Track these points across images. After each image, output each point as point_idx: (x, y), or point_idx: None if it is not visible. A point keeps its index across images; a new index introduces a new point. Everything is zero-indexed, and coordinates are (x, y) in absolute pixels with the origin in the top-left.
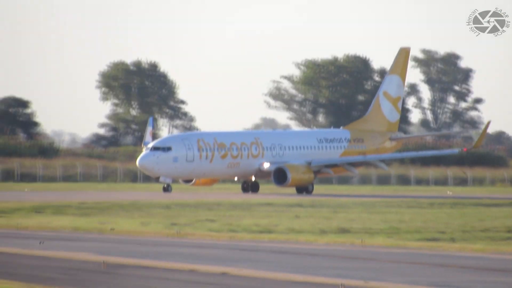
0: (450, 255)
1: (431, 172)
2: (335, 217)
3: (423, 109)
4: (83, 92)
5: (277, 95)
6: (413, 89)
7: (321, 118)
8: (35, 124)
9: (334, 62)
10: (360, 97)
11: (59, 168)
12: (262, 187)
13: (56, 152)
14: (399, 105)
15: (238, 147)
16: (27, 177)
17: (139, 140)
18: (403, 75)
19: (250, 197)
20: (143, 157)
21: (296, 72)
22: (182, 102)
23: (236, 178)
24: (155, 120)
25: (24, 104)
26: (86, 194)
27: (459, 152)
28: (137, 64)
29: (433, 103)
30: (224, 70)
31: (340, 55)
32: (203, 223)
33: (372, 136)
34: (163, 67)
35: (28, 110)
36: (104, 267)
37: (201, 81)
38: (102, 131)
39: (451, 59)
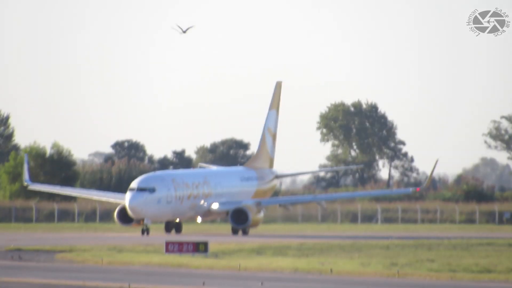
0: None
1: None
2: None
3: None
4: (303, 133)
5: (497, 135)
6: None
7: None
8: None
9: None
10: None
11: (279, 210)
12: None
13: (276, 194)
14: (275, 140)
15: (197, 187)
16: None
17: (359, 181)
18: (278, 110)
19: (466, 236)
20: (132, 198)
21: None
22: (402, 142)
23: (199, 219)
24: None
25: (244, 146)
26: (306, 235)
27: (412, 192)
28: (357, 105)
29: None
30: (442, 110)
31: None
32: (423, 263)
33: (266, 174)
34: (382, 108)
35: (248, 152)
36: None
37: (420, 120)
38: (322, 172)
39: None
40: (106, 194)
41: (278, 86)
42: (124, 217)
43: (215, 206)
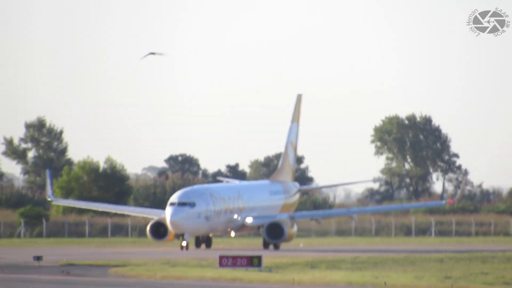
0: None
1: None
2: None
3: None
4: (357, 146)
5: None
6: None
7: None
8: (309, 179)
9: None
10: None
11: (333, 223)
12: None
13: (330, 207)
14: (296, 153)
15: (232, 201)
16: (301, 232)
17: (413, 194)
18: (299, 122)
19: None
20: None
21: None
22: (456, 155)
23: (233, 233)
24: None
25: (298, 159)
26: (359, 249)
27: (445, 204)
28: (411, 118)
29: None
30: (496, 122)
31: None
32: (477, 276)
33: (290, 187)
34: (436, 121)
35: (302, 166)
36: None
37: (474, 133)
38: (376, 186)
39: None
40: (136, 210)
41: (299, 99)
42: (157, 232)
43: (249, 220)
